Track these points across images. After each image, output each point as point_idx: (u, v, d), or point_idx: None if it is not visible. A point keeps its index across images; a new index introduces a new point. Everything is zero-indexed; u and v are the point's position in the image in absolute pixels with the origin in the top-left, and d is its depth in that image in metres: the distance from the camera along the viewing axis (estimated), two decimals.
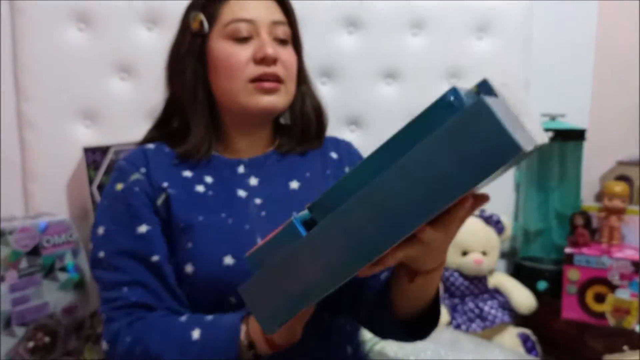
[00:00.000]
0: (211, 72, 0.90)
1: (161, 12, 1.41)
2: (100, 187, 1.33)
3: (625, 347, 1.24)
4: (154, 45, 1.41)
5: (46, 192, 1.40)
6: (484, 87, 0.56)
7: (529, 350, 1.43)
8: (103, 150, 1.33)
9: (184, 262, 0.82)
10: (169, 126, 0.97)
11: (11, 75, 1.39)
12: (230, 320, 0.75)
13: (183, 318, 0.79)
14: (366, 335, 1.15)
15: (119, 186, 0.86)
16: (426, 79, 1.53)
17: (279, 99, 0.88)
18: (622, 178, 1.62)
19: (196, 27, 0.89)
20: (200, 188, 0.87)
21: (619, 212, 1.42)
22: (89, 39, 1.39)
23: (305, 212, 0.60)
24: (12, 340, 1.13)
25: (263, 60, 0.86)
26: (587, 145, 1.63)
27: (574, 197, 1.56)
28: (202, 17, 0.89)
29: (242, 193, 0.89)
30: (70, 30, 1.38)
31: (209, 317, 0.77)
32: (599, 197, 1.65)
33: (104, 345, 0.80)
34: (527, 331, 1.46)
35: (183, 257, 0.82)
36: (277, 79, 0.87)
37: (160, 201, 0.85)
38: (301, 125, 0.96)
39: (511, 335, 1.44)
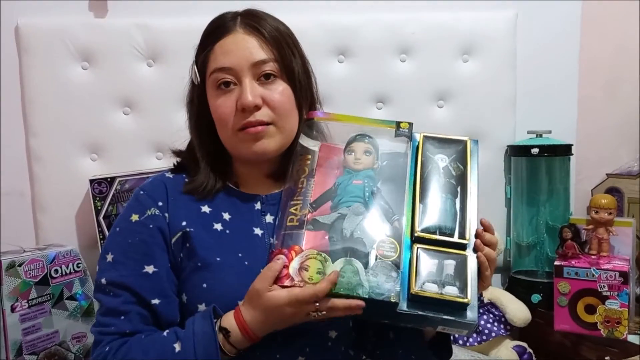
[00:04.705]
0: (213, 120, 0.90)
1: (161, 48, 1.48)
2: (107, 217, 1.39)
3: (607, 358, 1.27)
4: (155, 80, 1.48)
5: (55, 224, 1.46)
6: None
7: None
8: (108, 181, 1.39)
9: (198, 301, 0.82)
10: (193, 153, 0.96)
11: (19, 113, 1.46)
12: (203, 328, 0.77)
13: (165, 333, 0.80)
14: None
15: (135, 217, 0.86)
16: (415, 102, 1.59)
17: (269, 142, 0.87)
18: (612, 190, 1.66)
19: (193, 77, 0.91)
20: (218, 226, 0.88)
21: (606, 224, 1.45)
22: (92, 76, 1.46)
23: None
24: None
25: (243, 110, 0.85)
26: (578, 159, 1.66)
27: (564, 210, 1.60)
28: (195, 69, 0.90)
29: (258, 231, 0.88)
30: (75, 68, 1.45)
31: (184, 330, 0.79)
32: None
33: None
34: (523, 344, 1.48)
35: (197, 295, 0.82)
36: (262, 125, 0.86)
37: (175, 239, 0.85)
38: None
39: (507, 349, 1.46)
